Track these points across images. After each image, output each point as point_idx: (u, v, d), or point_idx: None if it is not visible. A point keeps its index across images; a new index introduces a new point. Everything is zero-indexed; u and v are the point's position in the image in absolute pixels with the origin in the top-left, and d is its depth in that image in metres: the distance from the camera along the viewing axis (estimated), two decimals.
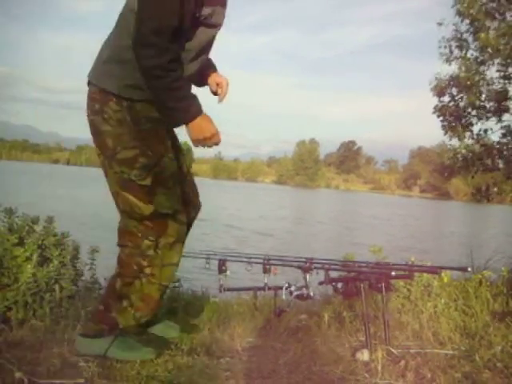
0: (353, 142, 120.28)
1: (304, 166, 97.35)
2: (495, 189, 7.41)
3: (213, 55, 2.22)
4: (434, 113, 7.75)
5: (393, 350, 2.46)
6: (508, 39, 6.39)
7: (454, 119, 7.56)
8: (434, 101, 7.77)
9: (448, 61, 7.38)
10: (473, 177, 7.87)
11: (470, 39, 7.21)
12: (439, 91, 7.56)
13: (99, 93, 1.95)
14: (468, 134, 7.58)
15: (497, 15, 6.69)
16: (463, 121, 7.50)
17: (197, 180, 2.49)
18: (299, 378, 2.14)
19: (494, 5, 6.74)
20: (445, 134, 7.69)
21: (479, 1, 6.73)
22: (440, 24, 7.26)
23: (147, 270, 2.06)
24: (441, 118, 7.72)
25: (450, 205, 65.25)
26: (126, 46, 1.82)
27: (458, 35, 7.22)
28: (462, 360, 2.34)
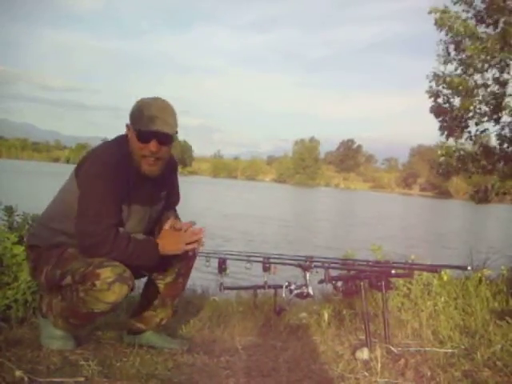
0: (352, 141, 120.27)
1: (304, 165, 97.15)
2: (497, 184, 7.35)
3: (213, 54, 2.21)
4: (431, 112, 7.75)
5: (392, 349, 2.47)
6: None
7: (449, 120, 7.54)
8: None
9: (445, 63, 7.37)
10: (470, 177, 7.86)
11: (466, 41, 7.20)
12: (433, 93, 7.54)
13: None
14: (465, 135, 7.55)
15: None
16: (459, 123, 7.46)
17: (196, 178, 2.49)
18: (299, 377, 2.14)
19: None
20: (441, 134, 7.68)
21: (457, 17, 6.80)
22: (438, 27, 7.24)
23: None
24: (439, 119, 7.71)
25: (448, 203, 64.86)
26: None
27: (455, 38, 7.19)
28: (461, 358, 2.34)
